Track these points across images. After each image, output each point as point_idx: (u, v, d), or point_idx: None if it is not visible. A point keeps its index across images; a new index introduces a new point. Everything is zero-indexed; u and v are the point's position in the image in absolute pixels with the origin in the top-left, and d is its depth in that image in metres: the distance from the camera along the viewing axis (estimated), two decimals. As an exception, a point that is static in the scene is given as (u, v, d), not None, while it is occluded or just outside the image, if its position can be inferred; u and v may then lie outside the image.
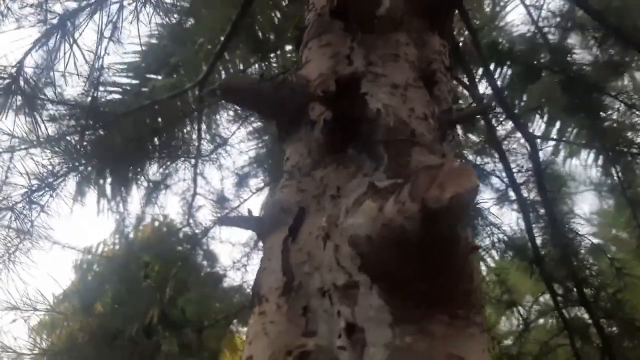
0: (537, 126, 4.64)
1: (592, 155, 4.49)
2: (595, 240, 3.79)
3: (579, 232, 3.55)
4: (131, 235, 6.40)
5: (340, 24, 1.70)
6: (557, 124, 4.61)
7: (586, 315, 3.33)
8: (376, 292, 1.16)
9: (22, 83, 3.94)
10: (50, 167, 4.05)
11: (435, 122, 1.52)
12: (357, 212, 1.22)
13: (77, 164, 4.58)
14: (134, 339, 6.16)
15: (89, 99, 4.45)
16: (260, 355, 1.21)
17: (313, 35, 1.73)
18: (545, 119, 4.58)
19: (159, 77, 5.24)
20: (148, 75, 5.31)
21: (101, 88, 4.53)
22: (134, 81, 5.30)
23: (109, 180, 5.24)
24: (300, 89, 1.63)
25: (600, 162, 4.49)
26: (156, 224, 7.68)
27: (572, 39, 4.49)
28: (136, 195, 5.32)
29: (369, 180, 1.30)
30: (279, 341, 1.22)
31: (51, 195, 4.10)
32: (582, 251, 3.47)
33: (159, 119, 4.77)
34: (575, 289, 3.24)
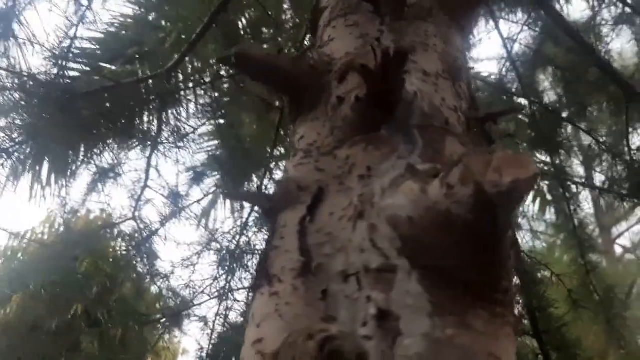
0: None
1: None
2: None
3: (538, 261, 3.58)
4: (64, 226, 6.11)
5: (368, 6, 1.61)
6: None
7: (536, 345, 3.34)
8: (415, 278, 1.06)
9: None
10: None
11: (462, 117, 1.45)
12: (397, 193, 1.13)
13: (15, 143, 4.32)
14: (54, 332, 5.83)
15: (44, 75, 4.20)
16: (273, 337, 1.08)
17: (338, 15, 1.64)
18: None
19: (113, 67, 5.03)
20: (103, 64, 5.09)
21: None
22: (86, 68, 5.07)
23: (47, 164, 4.97)
24: (322, 66, 1.53)
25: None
26: (92, 215, 7.35)
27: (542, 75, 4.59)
28: (79, 182, 5.06)
29: (407, 161, 1.21)
30: (296, 324, 1.10)
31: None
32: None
33: (118, 104, 4.55)
34: (529, 319, 3.24)
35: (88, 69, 4.99)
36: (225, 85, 4.82)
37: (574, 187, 4.40)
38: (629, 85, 3.96)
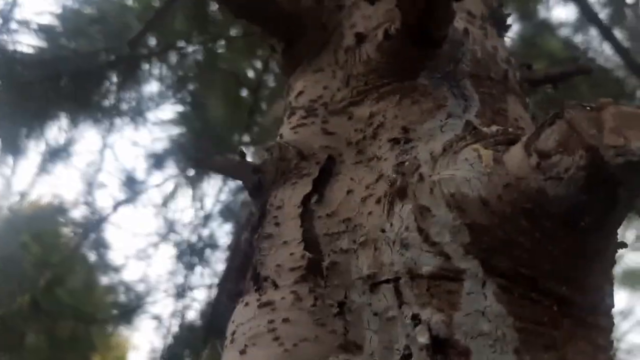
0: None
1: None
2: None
3: None
4: (10, 210, 5.64)
5: None
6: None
7: None
8: (493, 291, 0.69)
9: None
10: None
11: (517, 76, 1.09)
12: (457, 162, 0.76)
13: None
14: (-4, 324, 5.38)
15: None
16: (267, 373, 0.71)
17: None
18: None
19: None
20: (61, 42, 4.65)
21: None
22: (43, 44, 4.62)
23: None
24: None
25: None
26: (44, 200, 6.85)
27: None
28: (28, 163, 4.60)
29: (465, 119, 0.84)
30: (302, 353, 0.72)
31: None
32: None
33: (73, 77, 4.11)
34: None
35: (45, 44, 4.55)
36: (193, 60, 4.41)
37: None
38: None
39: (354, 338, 0.74)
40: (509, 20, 1.32)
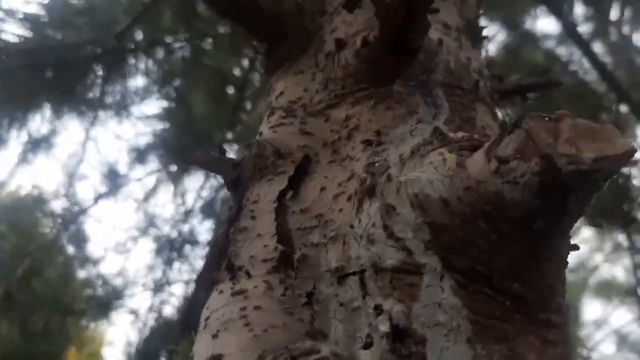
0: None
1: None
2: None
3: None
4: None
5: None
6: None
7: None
8: (450, 285, 0.74)
9: None
10: None
11: (488, 87, 1.14)
12: (424, 165, 0.81)
13: None
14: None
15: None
16: (237, 355, 0.75)
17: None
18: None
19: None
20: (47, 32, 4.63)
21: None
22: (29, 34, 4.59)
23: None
24: (312, 4, 1.20)
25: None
26: (23, 190, 6.81)
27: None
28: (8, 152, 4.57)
29: (434, 125, 0.89)
30: (270, 338, 0.76)
31: None
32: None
33: (59, 67, 4.11)
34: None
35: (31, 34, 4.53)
36: (179, 56, 4.43)
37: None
38: None
39: (320, 327, 0.79)
40: (486, 32, 1.37)
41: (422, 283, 0.74)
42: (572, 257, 0.85)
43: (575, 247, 0.85)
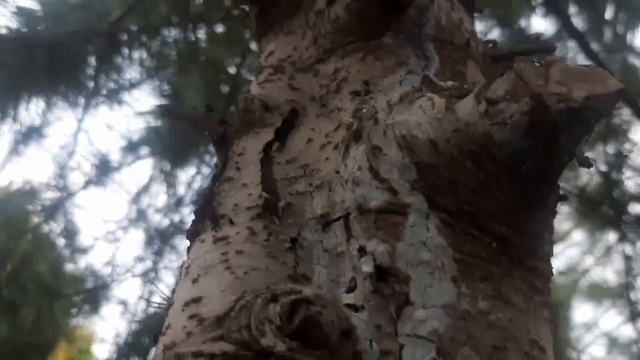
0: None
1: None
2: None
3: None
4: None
5: None
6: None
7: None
8: (435, 225, 0.72)
9: None
10: None
11: (481, 48, 1.13)
12: (412, 108, 0.79)
13: None
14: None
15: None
16: (217, 297, 0.73)
17: None
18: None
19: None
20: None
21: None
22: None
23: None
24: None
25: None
26: (14, 186, 6.76)
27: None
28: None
29: (424, 73, 0.88)
30: (252, 280, 0.75)
31: None
32: None
33: (52, 57, 4.09)
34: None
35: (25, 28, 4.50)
36: (173, 47, 4.41)
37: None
38: None
39: (303, 271, 0.77)
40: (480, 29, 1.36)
41: (406, 222, 0.73)
42: (563, 260, 0.83)
43: (564, 197, 0.84)
